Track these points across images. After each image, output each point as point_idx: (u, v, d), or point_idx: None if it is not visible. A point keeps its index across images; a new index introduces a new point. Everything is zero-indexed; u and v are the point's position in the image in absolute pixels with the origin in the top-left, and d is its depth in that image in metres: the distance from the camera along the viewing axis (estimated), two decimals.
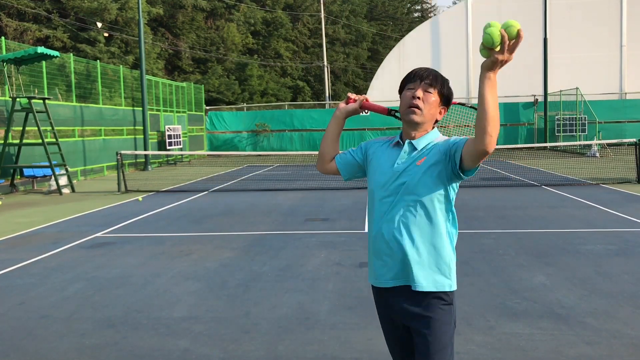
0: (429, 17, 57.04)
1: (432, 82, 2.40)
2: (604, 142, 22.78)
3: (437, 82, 2.41)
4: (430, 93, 2.40)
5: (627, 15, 32.59)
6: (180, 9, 39.86)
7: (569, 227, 8.53)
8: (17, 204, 12.74)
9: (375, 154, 2.55)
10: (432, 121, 2.45)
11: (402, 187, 2.36)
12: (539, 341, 4.16)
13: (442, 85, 2.43)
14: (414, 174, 2.35)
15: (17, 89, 14.87)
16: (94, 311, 5.09)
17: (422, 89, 2.40)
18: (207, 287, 5.78)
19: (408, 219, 2.36)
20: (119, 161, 14.72)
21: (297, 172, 19.82)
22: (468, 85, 33.72)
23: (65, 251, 7.65)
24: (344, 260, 6.77)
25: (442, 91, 2.43)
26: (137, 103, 23.71)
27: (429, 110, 2.40)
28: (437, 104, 2.43)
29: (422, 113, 2.39)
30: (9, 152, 15.15)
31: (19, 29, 30.48)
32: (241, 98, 41.98)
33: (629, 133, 29.03)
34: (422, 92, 2.39)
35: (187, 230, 9.03)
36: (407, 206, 2.36)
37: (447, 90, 2.44)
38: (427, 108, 2.39)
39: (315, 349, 4.12)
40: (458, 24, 33.72)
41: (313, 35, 50.61)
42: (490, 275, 5.96)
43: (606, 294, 5.24)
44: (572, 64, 32.53)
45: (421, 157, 2.38)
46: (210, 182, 16.64)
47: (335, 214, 10.31)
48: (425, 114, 2.40)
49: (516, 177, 16.19)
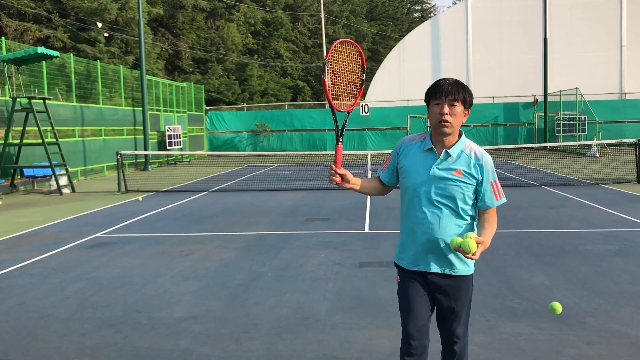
0: (429, 17, 57.07)
1: (455, 97, 2.69)
2: (604, 142, 22.79)
3: (459, 94, 2.70)
4: (455, 106, 2.70)
5: (627, 16, 32.59)
6: (180, 9, 39.87)
7: (569, 227, 8.53)
8: (17, 204, 12.75)
9: (406, 157, 2.86)
10: (459, 126, 2.76)
11: (439, 189, 2.73)
12: (539, 341, 4.16)
13: (464, 95, 2.71)
14: (448, 181, 2.73)
15: (17, 89, 14.88)
16: (94, 311, 5.09)
17: (447, 104, 2.69)
18: (207, 287, 5.78)
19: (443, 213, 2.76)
20: (119, 161, 14.73)
21: (297, 172, 19.83)
22: (468, 86, 33.71)
23: (65, 251, 7.66)
24: (343, 260, 6.77)
25: (465, 99, 2.72)
26: (137, 103, 23.72)
27: (456, 121, 2.71)
28: (462, 112, 2.74)
29: (452, 125, 2.70)
30: (9, 152, 15.15)
31: (19, 29, 30.49)
32: (241, 98, 41.99)
33: (628, 133, 29.03)
34: (448, 108, 2.69)
35: (187, 230, 9.04)
36: (439, 203, 2.75)
37: (469, 96, 2.74)
38: (455, 120, 2.71)
39: (315, 349, 4.12)
40: (458, 24, 33.71)
41: (313, 35, 50.62)
42: (490, 275, 5.96)
43: (606, 294, 5.24)
44: (572, 64, 32.52)
45: (457, 167, 2.74)
46: (210, 182, 16.64)
47: (335, 214, 10.31)
48: (455, 125, 2.71)
49: (516, 177, 16.19)
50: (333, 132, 28.13)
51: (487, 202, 2.77)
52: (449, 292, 2.84)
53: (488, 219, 2.79)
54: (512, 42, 33.03)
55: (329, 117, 31.99)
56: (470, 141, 2.84)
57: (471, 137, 30.71)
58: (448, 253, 2.77)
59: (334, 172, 2.88)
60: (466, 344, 3.04)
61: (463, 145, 2.78)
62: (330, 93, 2.96)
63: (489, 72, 33.22)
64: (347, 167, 3.45)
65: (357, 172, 17.99)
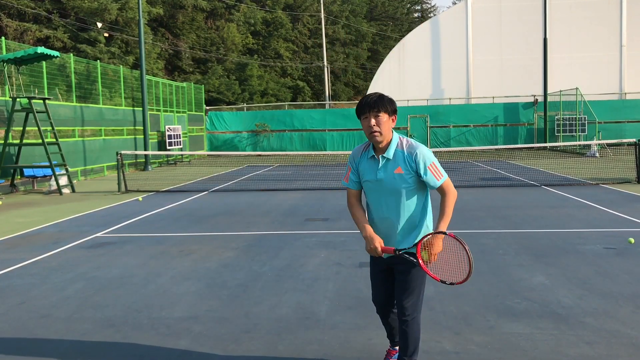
0: (429, 17, 57.07)
1: (379, 108, 3.20)
2: (604, 142, 22.79)
3: (382, 106, 3.20)
4: (379, 116, 3.21)
5: (627, 15, 32.60)
6: (180, 9, 39.86)
7: (569, 227, 8.53)
8: (17, 204, 12.75)
9: (360, 164, 3.41)
10: (389, 131, 3.26)
11: (388, 185, 3.29)
12: (539, 341, 4.16)
13: (386, 105, 3.22)
14: (392, 179, 3.28)
15: (17, 89, 14.88)
16: (94, 311, 5.09)
17: (372, 117, 3.21)
18: (207, 287, 5.78)
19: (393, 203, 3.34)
20: (119, 161, 14.73)
21: (297, 172, 19.83)
22: (468, 86, 33.73)
23: (65, 251, 7.66)
24: (344, 260, 6.77)
25: (387, 108, 3.22)
26: (137, 103, 23.72)
27: (384, 128, 3.23)
28: (389, 119, 3.25)
29: (382, 134, 3.23)
30: (9, 152, 15.15)
31: (19, 29, 30.48)
32: (241, 98, 41.99)
33: (628, 133, 29.04)
34: (374, 120, 3.21)
35: (187, 230, 9.04)
36: (390, 196, 3.31)
37: (390, 105, 3.23)
38: (383, 128, 3.22)
39: (315, 349, 4.12)
40: (458, 24, 33.72)
41: (313, 36, 50.62)
42: (490, 275, 5.96)
43: (606, 294, 5.24)
44: (572, 64, 32.53)
45: (397, 166, 3.26)
46: (210, 182, 16.64)
47: (335, 214, 10.31)
48: (384, 132, 3.24)
49: (516, 177, 16.19)
50: (333, 132, 28.18)
51: (431, 184, 3.26)
52: (400, 265, 3.36)
53: (443, 197, 3.29)
54: (512, 42, 33.03)
55: (329, 117, 32.06)
56: (402, 138, 3.32)
57: (471, 137, 31.05)
58: (400, 234, 3.32)
59: (378, 250, 3.30)
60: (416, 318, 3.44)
61: (396, 144, 3.28)
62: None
63: (489, 72, 33.23)
64: (345, 167, 3.48)
65: None
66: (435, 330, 4.41)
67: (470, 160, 23.87)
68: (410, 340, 3.37)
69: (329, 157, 27.26)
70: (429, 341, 4.15)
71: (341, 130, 31.58)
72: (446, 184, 3.27)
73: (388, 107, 3.22)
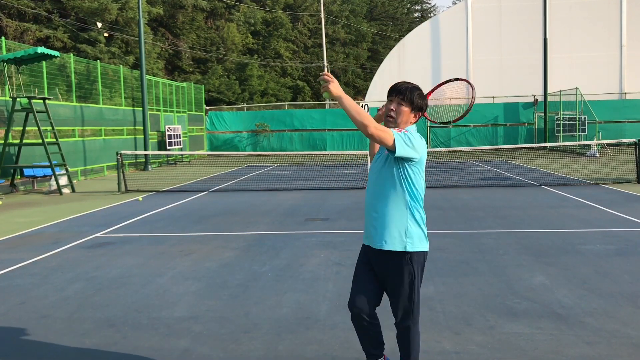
0: (429, 17, 57.06)
1: (404, 97, 3.09)
2: (604, 142, 22.79)
3: (408, 96, 3.09)
4: (402, 105, 3.11)
5: (627, 15, 32.59)
6: (180, 9, 39.86)
7: (569, 227, 8.53)
8: (17, 204, 12.75)
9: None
10: (406, 124, 3.13)
11: (374, 172, 3.24)
12: (539, 341, 4.16)
13: (413, 98, 3.10)
14: (380, 166, 3.19)
15: (17, 89, 14.88)
16: (94, 311, 5.09)
17: (396, 102, 3.12)
18: (207, 287, 5.78)
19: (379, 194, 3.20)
20: (119, 161, 14.73)
21: (297, 172, 19.83)
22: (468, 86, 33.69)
23: (65, 251, 7.66)
24: (343, 260, 6.77)
25: (413, 101, 3.10)
26: (137, 103, 23.72)
27: (401, 119, 3.12)
28: (409, 113, 3.13)
29: (395, 121, 3.12)
30: (9, 152, 15.15)
31: (19, 29, 30.48)
32: (241, 98, 41.99)
33: (628, 133, 29.03)
34: (396, 105, 3.12)
35: (187, 230, 9.04)
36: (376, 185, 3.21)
37: (419, 100, 3.12)
38: (400, 117, 3.12)
39: (315, 349, 4.12)
40: (458, 24, 33.71)
41: (313, 35, 50.62)
42: (490, 275, 5.96)
43: (606, 293, 5.24)
44: (572, 64, 32.52)
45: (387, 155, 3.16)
46: (210, 182, 16.64)
47: (335, 214, 10.31)
48: (399, 122, 3.12)
49: (516, 177, 16.19)
50: (333, 132, 28.17)
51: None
52: (383, 268, 3.26)
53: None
54: (512, 42, 33.02)
55: (329, 117, 32.04)
56: (408, 130, 3.11)
57: (471, 137, 31.06)
58: (383, 227, 3.13)
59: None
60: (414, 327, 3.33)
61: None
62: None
63: (489, 72, 33.21)
64: (347, 167, 3.46)
65: (357, 171, 17.97)
66: (435, 330, 4.41)
67: (470, 160, 23.86)
68: (412, 347, 3.34)
69: (329, 157, 27.26)
70: (429, 341, 4.15)
71: (341, 130, 31.58)
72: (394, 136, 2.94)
73: (415, 100, 3.11)
